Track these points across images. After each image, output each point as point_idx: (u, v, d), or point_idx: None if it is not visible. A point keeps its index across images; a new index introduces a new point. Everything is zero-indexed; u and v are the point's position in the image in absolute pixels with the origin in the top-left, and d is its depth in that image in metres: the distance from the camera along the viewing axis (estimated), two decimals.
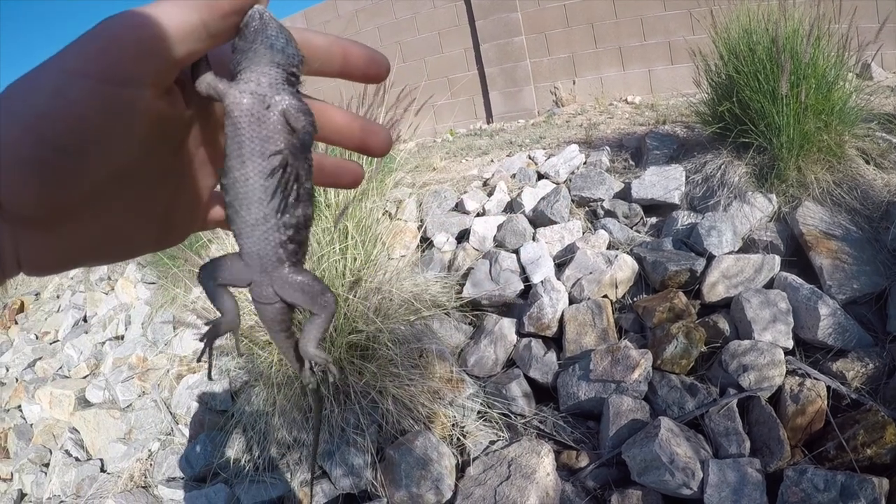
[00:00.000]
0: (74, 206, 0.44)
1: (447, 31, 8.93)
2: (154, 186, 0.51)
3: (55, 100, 0.40)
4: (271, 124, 0.48)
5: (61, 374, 5.27)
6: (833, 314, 3.00)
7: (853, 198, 3.58)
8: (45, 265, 0.47)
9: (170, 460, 3.64)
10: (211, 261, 0.54)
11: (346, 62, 0.54)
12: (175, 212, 0.55)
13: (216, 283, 0.55)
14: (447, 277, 4.07)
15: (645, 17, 7.61)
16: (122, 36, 0.41)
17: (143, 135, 0.45)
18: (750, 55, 3.97)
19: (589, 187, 4.50)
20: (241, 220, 0.50)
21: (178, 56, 0.43)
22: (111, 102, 0.41)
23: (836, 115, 3.76)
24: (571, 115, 7.44)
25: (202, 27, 0.43)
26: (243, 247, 0.52)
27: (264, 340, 3.20)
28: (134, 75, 0.41)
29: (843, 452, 2.51)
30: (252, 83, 0.48)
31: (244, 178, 0.49)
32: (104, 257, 0.52)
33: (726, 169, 4.05)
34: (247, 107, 0.48)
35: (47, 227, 0.44)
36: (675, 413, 2.87)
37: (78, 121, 0.40)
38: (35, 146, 0.39)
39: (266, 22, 0.47)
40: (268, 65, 0.48)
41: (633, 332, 3.39)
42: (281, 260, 0.52)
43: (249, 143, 0.48)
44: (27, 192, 0.41)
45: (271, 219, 0.50)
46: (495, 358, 3.49)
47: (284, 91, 0.49)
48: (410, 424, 3.00)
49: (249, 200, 0.49)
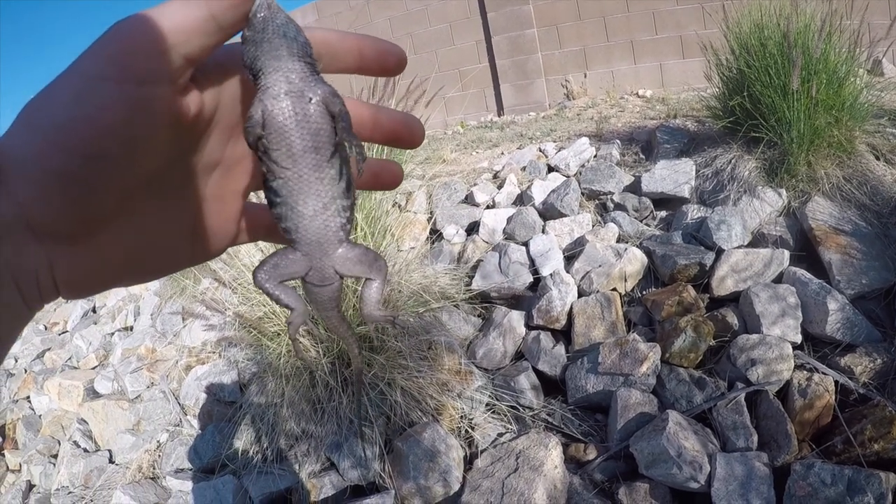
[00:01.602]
0: (105, 218, 0.45)
1: (458, 24, 8.92)
2: (181, 193, 0.52)
3: (76, 107, 0.40)
4: (315, 116, 0.49)
5: (70, 364, 5.29)
6: (842, 309, 2.99)
7: (863, 193, 3.58)
8: (81, 285, 0.47)
9: (178, 451, 3.65)
10: (263, 262, 0.54)
11: (361, 57, 0.53)
12: (207, 221, 0.55)
13: (275, 283, 0.55)
14: (456, 269, 4.08)
15: (657, 11, 7.59)
16: (134, 36, 0.41)
17: (165, 136, 0.45)
18: (761, 50, 3.96)
19: (599, 180, 4.50)
20: (297, 215, 0.51)
21: (192, 51, 0.43)
22: (131, 103, 0.41)
23: (846, 110, 3.75)
24: (582, 108, 7.42)
25: (211, 20, 0.43)
26: (301, 240, 0.52)
27: (273, 332, 3.21)
28: (150, 74, 0.41)
29: (850, 447, 2.51)
30: (283, 83, 0.48)
31: (297, 176, 0.49)
32: (139, 273, 0.52)
33: (736, 163, 4.04)
34: (289, 109, 0.48)
35: (80, 241, 0.44)
36: (683, 407, 2.88)
37: (100, 126, 0.40)
38: (61, 157, 0.40)
39: (274, 11, 0.47)
40: (289, 58, 0.48)
41: (642, 326, 3.40)
42: (340, 240, 0.53)
43: (300, 142, 0.49)
44: (57, 205, 0.41)
45: (331, 206, 0.51)
46: (504, 350, 3.50)
47: (315, 80, 0.49)
48: (419, 416, 3.01)
49: (306, 194, 0.50)
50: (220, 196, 0.56)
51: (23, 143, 0.40)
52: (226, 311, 3.33)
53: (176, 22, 0.42)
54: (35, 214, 0.41)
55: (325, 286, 0.56)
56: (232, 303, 3.43)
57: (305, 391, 3.10)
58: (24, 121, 0.41)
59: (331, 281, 0.55)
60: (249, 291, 3.32)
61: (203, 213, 0.55)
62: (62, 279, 0.45)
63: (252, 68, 0.48)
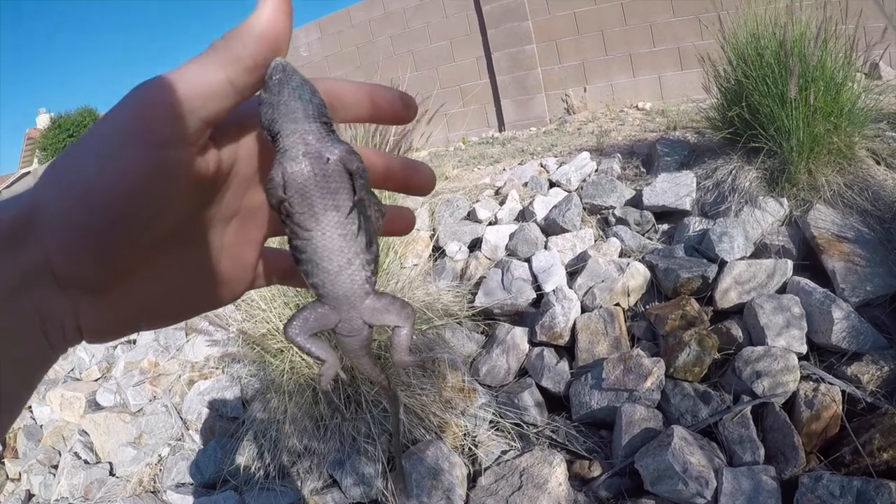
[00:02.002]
0: (128, 269, 0.46)
1: (459, 41, 8.97)
2: (200, 243, 0.53)
3: (101, 171, 0.41)
4: (334, 176, 0.50)
5: (72, 376, 5.29)
6: (847, 317, 2.97)
7: (864, 199, 3.56)
8: (104, 331, 0.48)
9: (179, 466, 3.65)
10: (292, 318, 0.55)
11: (374, 106, 0.54)
12: (226, 268, 0.56)
13: (306, 336, 0.56)
14: (459, 286, 4.07)
15: (654, 24, 7.62)
16: (154, 101, 0.42)
17: (186, 193, 0.46)
18: (758, 60, 3.96)
19: (600, 195, 4.50)
20: (322, 272, 0.52)
21: (210, 114, 0.44)
22: (153, 165, 0.42)
23: (845, 116, 3.74)
24: (583, 123, 7.44)
25: (228, 84, 0.44)
26: (328, 295, 0.53)
27: (276, 348, 3.21)
28: (170, 137, 0.42)
29: (859, 457, 2.49)
30: (301, 144, 0.49)
31: (321, 235, 0.50)
32: (161, 319, 0.53)
33: (737, 174, 4.03)
34: (308, 170, 0.49)
35: (104, 291, 0.45)
36: (689, 421, 2.85)
37: (124, 188, 0.41)
38: (86, 215, 0.41)
39: (289, 73, 0.48)
40: (305, 120, 0.49)
41: (646, 340, 3.38)
42: (367, 292, 0.54)
43: (321, 201, 0.50)
44: (82, 259, 0.42)
45: (355, 261, 0.52)
46: (507, 367, 3.48)
47: (332, 140, 0.50)
48: (422, 434, 3.00)
49: (330, 251, 0.51)
50: (238, 244, 0.57)
51: (53, 198, 0.42)
52: (229, 328, 3.34)
53: (194, 87, 0.43)
54: (61, 266, 0.42)
55: (355, 336, 0.57)
56: (235, 319, 3.44)
57: (308, 408, 3.09)
58: (53, 179, 0.42)
59: (360, 331, 0.56)
60: (253, 308, 3.32)
61: (222, 261, 0.56)
62: (86, 325, 0.46)
63: (270, 130, 0.49)
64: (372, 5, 9.55)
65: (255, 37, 0.45)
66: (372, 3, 9.56)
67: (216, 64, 0.44)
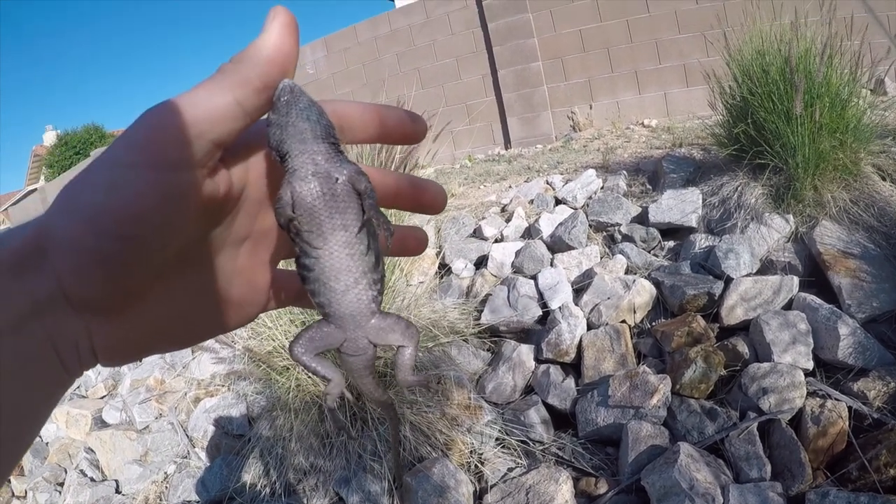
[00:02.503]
0: (140, 291, 0.46)
1: (465, 58, 9.01)
2: (212, 266, 0.53)
3: (110, 195, 0.41)
4: (343, 196, 0.50)
5: (78, 393, 5.29)
6: (853, 333, 2.97)
7: (870, 215, 3.56)
8: (118, 353, 0.48)
9: (185, 483, 3.65)
10: (299, 336, 0.56)
11: (383, 127, 0.55)
12: (238, 291, 0.56)
13: (312, 355, 0.56)
14: (465, 304, 4.07)
15: (660, 41, 7.65)
16: (163, 125, 0.42)
17: (196, 216, 0.46)
18: (763, 76, 3.97)
19: (606, 212, 4.50)
20: (329, 291, 0.52)
21: (219, 137, 0.44)
22: (163, 188, 0.42)
23: (850, 132, 3.74)
24: (588, 140, 7.46)
25: (237, 106, 0.45)
26: (334, 314, 0.53)
27: (282, 366, 3.22)
28: (180, 160, 0.43)
29: (865, 473, 2.48)
30: (310, 164, 0.49)
31: (329, 254, 0.51)
32: (175, 341, 0.54)
33: (743, 190, 4.03)
34: (317, 190, 0.49)
35: (116, 313, 0.46)
36: (695, 438, 2.85)
37: (134, 212, 0.42)
38: (97, 239, 0.41)
39: (297, 95, 0.49)
40: (314, 141, 0.49)
41: (652, 357, 3.37)
42: (373, 312, 0.54)
43: (329, 221, 0.50)
44: (94, 282, 0.43)
45: (362, 280, 0.52)
46: (513, 384, 3.48)
47: (340, 160, 0.50)
48: (428, 451, 2.99)
49: (337, 271, 0.51)
50: (250, 267, 0.57)
51: (62, 223, 0.42)
52: (235, 345, 3.35)
53: (203, 110, 0.43)
54: (74, 289, 0.43)
55: (360, 356, 0.57)
56: (241, 336, 3.45)
57: (314, 425, 3.10)
58: (63, 205, 0.42)
59: (364, 351, 0.56)
60: (259, 326, 3.33)
61: (234, 284, 0.56)
62: (100, 348, 0.46)
63: (279, 150, 0.49)
64: (378, 23, 9.60)
65: (263, 59, 0.46)
66: (378, 21, 9.61)
67: (224, 87, 0.44)
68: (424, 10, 9.18)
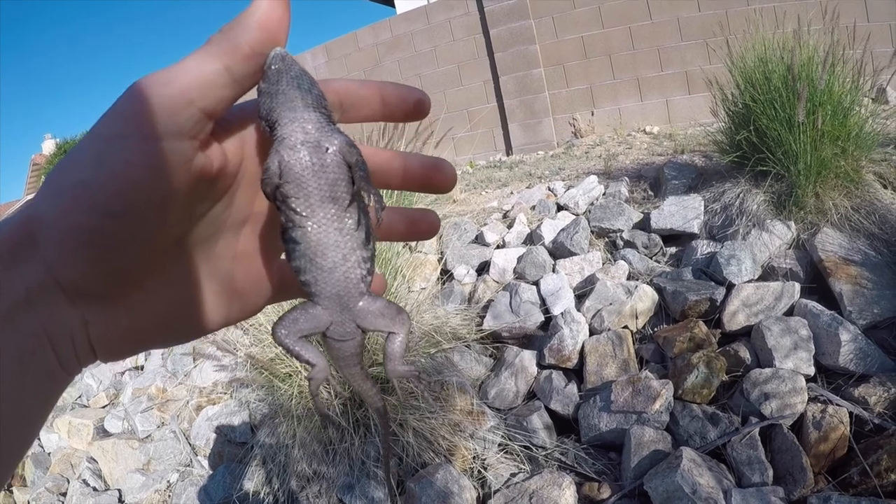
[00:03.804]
0: (135, 275, 0.45)
1: (467, 64, 9.01)
2: (211, 250, 0.52)
3: (97, 166, 0.40)
4: (332, 167, 0.48)
5: (80, 403, 5.28)
6: (854, 339, 2.98)
7: (871, 222, 3.57)
8: (117, 346, 0.47)
9: (188, 492, 3.65)
10: (282, 318, 0.53)
11: (384, 103, 0.53)
12: (240, 278, 0.55)
13: (295, 338, 0.53)
14: (467, 310, 4.08)
15: (662, 48, 7.65)
16: (150, 93, 0.41)
17: (189, 191, 0.45)
18: (766, 84, 3.98)
19: (608, 218, 4.51)
20: (316, 267, 0.50)
21: (209, 104, 0.43)
22: (151, 159, 0.41)
23: (852, 140, 3.76)
24: (590, 146, 7.47)
25: (226, 73, 0.44)
26: (320, 293, 0.51)
27: (285, 373, 3.22)
28: (168, 129, 0.41)
29: (866, 478, 2.49)
30: (299, 133, 0.48)
31: (316, 226, 0.49)
32: (175, 334, 0.52)
33: (744, 197, 4.05)
34: (306, 159, 0.48)
35: (112, 301, 0.45)
36: (697, 443, 2.86)
37: (123, 183, 0.40)
38: (86, 215, 0.40)
39: (288, 63, 0.47)
40: (304, 109, 0.48)
41: (654, 363, 3.38)
42: (361, 293, 0.52)
43: (318, 192, 0.48)
44: (85, 263, 0.41)
45: (350, 257, 0.50)
46: (516, 390, 3.49)
47: (331, 130, 0.49)
48: (431, 457, 3.00)
49: (325, 246, 0.49)
50: (253, 252, 0.56)
51: (49, 205, 0.41)
52: (237, 352, 3.35)
53: (191, 76, 0.42)
54: (65, 274, 0.41)
55: (347, 341, 0.54)
56: (243, 344, 3.44)
57: (317, 432, 3.10)
58: (50, 184, 0.41)
59: (352, 336, 0.54)
60: (261, 332, 3.33)
61: (235, 271, 0.54)
62: (98, 341, 0.45)
63: (268, 119, 0.48)
64: (379, 29, 9.60)
65: (252, 25, 0.45)
66: (379, 27, 9.61)
67: (213, 54, 0.44)
68: (426, 16, 9.18)
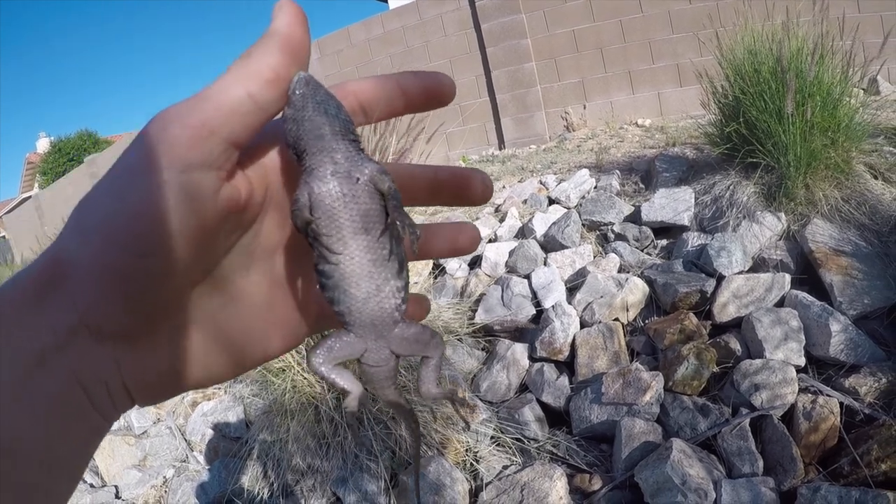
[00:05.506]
0: (165, 312, 0.44)
1: (458, 59, 9.01)
2: (243, 282, 0.50)
3: (121, 201, 0.39)
4: (364, 197, 0.47)
5: None
6: (845, 330, 2.99)
7: (862, 213, 3.58)
8: (153, 389, 0.45)
9: (185, 487, 3.65)
10: (317, 345, 0.51)
11: (406, 97, 0.51)
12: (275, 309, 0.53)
13: (331, 366, 0.52)
14: (459, 303, 4.09)
15: (653, 41, 7.66)
16: (172, 125, 0.40)
17: (216, 222, 0.43)
18: (755, 76, 3.99)
19: (599, 211, 4.52)
20: (350, 298, 0.49)
21: (233, 134, 0.42)
22: (176, 191, 0.39)
23: (842, 131, 3.76)
24: (582, 140, 7.47)
25: (249, 99, 0.42)
26: (354, 322, 0.50)
27: (278, 368, 3.22)
28: (192, 159, 0.40)
29: (857, 468, 2.49)
30: (328, 163, 0.46)
31: (349, 258, 0.48)
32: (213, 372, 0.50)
33: (735, 189, 4.05)
34: (337, 191, 0.46)
35: (144, 339, 0.43)
36: (688, 434, 2.86)
37: (147, 216, 0.39)
38: (112, 251, 0.39)
39: (313, 87, 0.46)
40: (332, 137, 0.46)
41: (645, 355, 3.39)
42: (395, 321, 0.51)
43: (350, 224, 0.47)
44: (114, 302, 0.40)
45: (384, 287, 0.49)
46: (508, 383, 3.49)
47: (361, 158, 0.48)
48: (423, 450, 3.01)
49: (358, 277, 0.48)
50: (289, 281, 0.54)
51: (76, 245, 0.40)
52: None
53: (213, 105, 0.41)
54: (94, 315, 0.40)
55: (381, 367, 0.53)
56: None
57: (311, 426, 3.10)
58: (74, 222, 0.40)
59: (386, 361, 0.53)
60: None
61: (272, 301, 0.53)
62: (133, 384, 0.43)
63: (295, 148, 0.47)
64: (371, 24, 9.59)
65: (272, 49, 0.43)
66: (371, 23, 9.60)
67: (234, 80, 0.42)
68: (418, 11, 9.17)
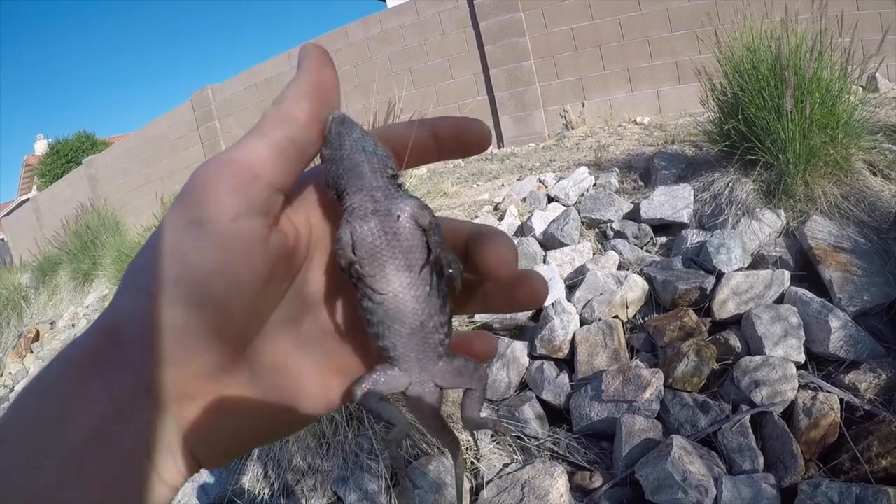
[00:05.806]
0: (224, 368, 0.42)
1: (457, 58, 8.99)
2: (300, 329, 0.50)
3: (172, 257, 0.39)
4: (405, 234, 0.47)
5: None
6: (844, 326, 2.99)
7: (861, 210, 3.58)
8: (217, 449, 0.44)
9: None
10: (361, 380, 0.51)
11: (438, 143, 0.50)
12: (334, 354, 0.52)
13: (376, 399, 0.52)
14: None
15: (651, 38, 7.65)
16: (215, 176, 0.40)
17: (267, 270, 0.42)
18: (754, 73, 3.99)
19: (598, 209, 4.52)
20: (394, 334, 0.49)
21: (276, 177, 0.42)
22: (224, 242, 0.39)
23: (841, 128, 3.77)
24: (581, 138, 7.47)
25: (288, 142, 0.42)
26: (399, 358, 0.50)
27: None
28: (240, 208, 0.40)
29: (857, 464, 2.50)
30: (369, 202, 0.47)
31: (393, 296, 0.48)
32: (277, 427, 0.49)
33: (734, 186, 4.05)
34: (378, 229, 0.47)
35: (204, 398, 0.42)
36: (688, 431, 2.87)
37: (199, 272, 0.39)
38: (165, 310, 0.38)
39: (349, 126, 0.46)
40: (371, 175, 0.47)
41: (645, 352, 3.39)
42: (440, 356, 0.51)
43: (392, 262, 0.47)
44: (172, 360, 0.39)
45: (428, 323, 0.49)
46: (508, 381, 3.49)
47: (400, 195, 0.48)
48: (424, 448, 3.00)
49: (402, 313, 0.48)
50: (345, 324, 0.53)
51: (129, 306, 0.39)
52: None
53: (253, 153, 0.41)
54: (153, 376, 0.39)
55: (425, 399, 0.53)
56: None
57: (311, 426, 3.10)
58: (127, 284, 0.40)
59: (431, 395, 0.53)
60: None
61: (329, 347, 0.52)
62: (196, 446, 0.43)
63: (336, 187, 0.47)
64: (369, 24, 9.57)
65: (304, 92, 0.44)
66: (369, 21, 9.58)
67: (271, 126, 0.42)
68: (416, 10, 9.15)
